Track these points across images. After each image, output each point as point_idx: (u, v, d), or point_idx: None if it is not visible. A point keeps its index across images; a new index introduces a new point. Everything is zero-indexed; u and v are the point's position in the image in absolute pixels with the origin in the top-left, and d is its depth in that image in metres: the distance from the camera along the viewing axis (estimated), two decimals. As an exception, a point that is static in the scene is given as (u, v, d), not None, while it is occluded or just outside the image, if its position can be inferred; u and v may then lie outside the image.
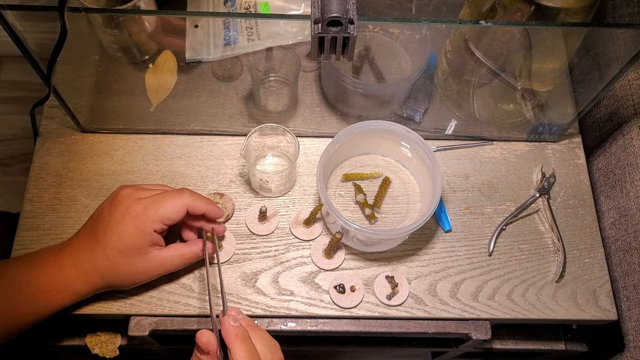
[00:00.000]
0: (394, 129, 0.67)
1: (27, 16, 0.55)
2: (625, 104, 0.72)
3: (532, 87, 0.73)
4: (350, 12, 0.50)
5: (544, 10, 0.60)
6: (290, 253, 0.68)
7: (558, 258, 0.69)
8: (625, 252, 0.69)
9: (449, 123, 0.77)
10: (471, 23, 0.65)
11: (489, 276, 0.68)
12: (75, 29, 0.56)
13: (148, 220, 0.58)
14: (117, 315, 0.65)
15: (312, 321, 0.66)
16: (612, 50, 0.68)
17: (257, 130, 0.66)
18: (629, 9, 0.72)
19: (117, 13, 0.65)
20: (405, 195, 0.72)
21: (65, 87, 0.66)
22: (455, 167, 0.75)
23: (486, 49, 0.66)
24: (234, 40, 0.74)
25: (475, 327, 0.66)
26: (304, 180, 0.73)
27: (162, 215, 0.59)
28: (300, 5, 0.76)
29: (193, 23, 0.73)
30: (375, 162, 0.74)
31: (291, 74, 0.73)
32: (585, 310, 0.67)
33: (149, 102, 0.72)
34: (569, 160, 0.76)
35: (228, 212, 0.69)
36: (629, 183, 0.70)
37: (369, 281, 0.67)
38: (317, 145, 0.75)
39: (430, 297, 0.66)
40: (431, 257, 0.69)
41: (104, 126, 0.74)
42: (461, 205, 0.72)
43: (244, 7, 0.75)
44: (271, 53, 0.72)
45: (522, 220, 0.72)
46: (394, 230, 0.63)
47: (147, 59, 0.74)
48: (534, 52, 0.66)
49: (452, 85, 0.75)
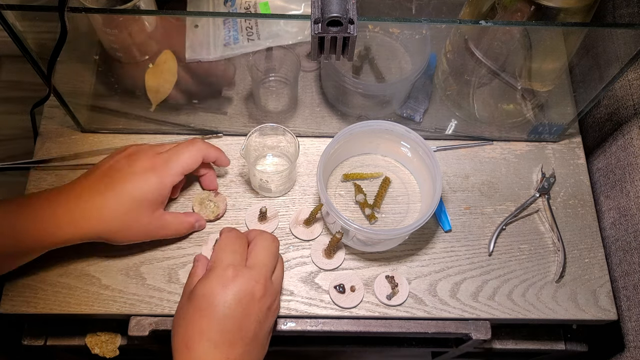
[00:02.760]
0: (393, 129, 0.67)
1: (27, 16, 0.55)
2: (625, 104, 0.72)
3: (532, 87, 0.73)
4: (350, 12, 0.50)
5: (544, 10, 0.60)
6: (290, 253, 0.68)
7: (558, 258, 0.69)
8: (625, 252, 0.69)
9: (449, 123, 0.77)
10: (471, 23, 0.65)
11: (489, 276, 0.68)
12: (75, 29, 0.56)
13: (171, 173, 0.62)
14: (117, 315, 0.65)
15: (312, 321, 0.66)
16: (612, 50, 0.68)
17: (257, 130, 0.66)
18: (629, 9, 0.72)
19: (117, 13, 0.65)
20: (405, 195, 0.72)
21: (65, 87, 0.66)
22: (455, 167, 0.75)
23: (486, 49, 0.66)
24: (234, 40, 0.74)
25: (475, 327, 0.66)
26: (304, 180, 0.73)
27: (184, 165, 0.63)
28: (300, 5, 0.76)
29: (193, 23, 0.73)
30: (375, 162, 0.74)
31: (291, 74, 0.73)
32: (585, 310, 0.67)
33: (149, 102, 0.72)
34: (569, 160, 0.76)
35: (219, 212, 0.69)
36: (629, 183, 0.70)
37: (369, 281, 0.67)
38: (317, 145, 0.75)
39: (430, 297, 0.66)
40: (431, 257, 0.69)
41: (104, 126, 0.74)
42: (461, 205, 0.72)
43: (244, 7, 0.75)
44: (271, 53, 0.72)
45: (522, 220, 0.72)
46: (394, 230, 0.63)
47: (147, 59, 0.74)
48: (534, 52, 0.66)
49: (452, 85, 0.75)
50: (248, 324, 0.53)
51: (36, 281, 0.65)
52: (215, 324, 0.52)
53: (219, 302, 0.53)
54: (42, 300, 0.64)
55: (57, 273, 0.65)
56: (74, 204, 0.59)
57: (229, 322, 0.52)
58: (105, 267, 0.66)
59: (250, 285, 0.54)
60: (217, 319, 0.52)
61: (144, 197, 0.60)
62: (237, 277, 0.54)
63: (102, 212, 0.59)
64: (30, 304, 0.64)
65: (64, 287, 0.64)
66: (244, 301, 0.53)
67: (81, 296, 0.64)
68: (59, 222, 0.58)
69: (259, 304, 0.54)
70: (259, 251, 0.57)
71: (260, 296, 0.54)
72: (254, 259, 0.56)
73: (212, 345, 0.52)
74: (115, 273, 0.65)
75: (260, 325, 0.55)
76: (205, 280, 0.54)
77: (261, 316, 0.55)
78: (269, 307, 0.56)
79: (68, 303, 0.64)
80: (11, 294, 0.64)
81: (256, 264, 0.56)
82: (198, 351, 0.52)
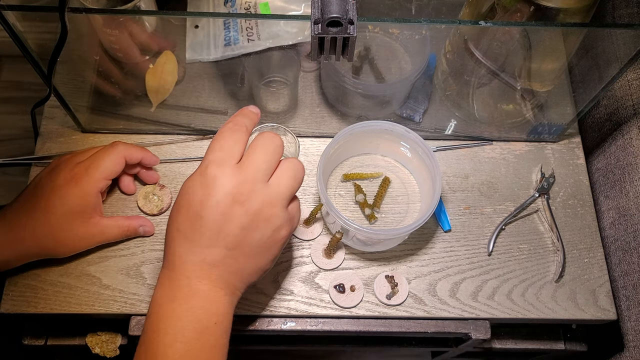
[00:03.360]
0: (393, 129, 0.67)
1: (27, 16, 0.55)
2: (625, 104, 0.72)
3: (531, 87, 0.73)
4: (350, 12, 0.50)
5: (543, 10, 0.61)
6: (290, 253, 0.68)
7: (557, 258, 0.69)
8: (624, 252, 0.69)
9: (448, 123, 0.77)
10: (471, 23, 0.66)
11: (489, 276, 0.68)
12: (75, 29, 0.56)
13: (92, 181, 0.60)
14: (117, 314, 0.65)
15: (312, 321, 0.66)
16: (611, 51, 0.68)
17: (257, 130, 0.66)
18: (629, 9, 0.72)
19: (118, 13, 0.65)
20: (405, 195, 0.72)
21: (65, 87, 0.66)
22: (455, 167, 0.75)
23: (486, 49, 0.66)
24: (234, 41, 0.74)
25: (474, 327, 0.66)
26: (304, 180, 0.73)
27: (105, 171, 0.61)
28: (300, 6, 0.76)
29: (193, 23, 0.73)
30: (375, 162, 0.74)
31: (291, 74, 0.73)
32: (584, 310, 0.67)
33: (149, 102, 0.72)
34: (569, 160, 0.76)
35: (163, 206, 0.69)
36: (628, 183, 0.70)
37: (368, 281, 0.67)
38: (317, 145, 0.75)
39: (430, 296, 0.66)
40: (431, 257, 0.69)
41: (105, 126, 0.74)
42: (461, 205, 0.72)
43: (244, 7, 0.75)
44: (271, 54, 0.72)
45: (521, 220, 0.72)
46: (394, 230, 0.63)
47: (147, 59, 0.74)
48: (534, 52, 0.66)
49: (451, 86, 0.76)
50: (228, 229, 0.49)
51: (37, 281, 0.65)
52: (189, 223, 0.49)
53: (195, 202, 0.49)
54: (42, 300, 0.64)
55: (58, 273, 0.65)
56: (8, 229, 0.59)
57: (205, 224, 0.49)
58: (105, 267, 0.66)
59: (229, 186, 0.49)
60: (192, 219, 0.49)
61: (71, 209, 0.59)
62: (217, 177, 0.49)
63: (34, 233, 0.59)
64: (30, 304, 0.64)
65: (65, 287, 0.65)
66: (222, 204, 0.48)
67: (82, 296, 0.64)
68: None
69: (242, 208, 0.49)
70: (254, 151, 0.51)
71: (244, 200, 0.49)
72: (246, 158, 0.50)
73: (187, 243, 0.50)
74: (116, 273, 0.66)
75: (244, 232, 0.50)
76: (191, 175, 0.51)
77: (245, 222, 0.49)
78: (257, 214, 0.50)
79: (68, 303, 0.64)
80: (12, 294, 0.64)
81: (247, 164, 0.50)
82: (176, 248, 0.50)
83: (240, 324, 0.65)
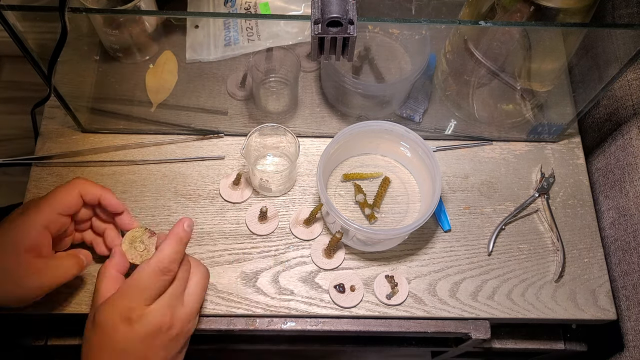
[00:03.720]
0: (393, 129, 0.67)
1: (27, 16, 0.55)
2: (625, 104, 0.72)
3: (531, 87, 0.73)
4: (350, 12, 0.50)
5: (543, 10, 0.61)
6: (290, 253, 0.68)
7: (557, 258, 0.69)
8: (624, 252, 0.69)
9: (448, 123, 0.77)
10: (471, 23, 0.66)
11: (489, 276, 0.68)
12: (75, 29, 0.56)
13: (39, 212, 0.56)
14: (117, 314, 0.65)
15: (312, 320, 0.66)
16: (611, 51, 0.69)
17: (257, 130, 0.66)
18: (629, 9, 0.72)
19: (118, 13, 0.65)
20: (405, 195, 0.72)
21: (65, 87, 0.66)
22: (455, 167, 0.75)
23: (485, 50, 0.66)
24: (234, 41, 0.74)
25: (474, 327, 0.66)
26: (304, 180, 0.73)
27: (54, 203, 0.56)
28: (300, 6, 0.76)
29: (193, 23, 0.74)
30: (375, 162, 0.74)
31: (291, 74, 0.73)
32: (584, 309, 0.67)
33: (149, 102, 0.73)
34: (569, 160, 0.76)
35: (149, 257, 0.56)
36: (628, 183, 0.70)
37: (368, 281, 0.67)
38: (317, 145, 0.75)
39: (430, 296, 0.66)
40: (431, 257, 0.69)
41: (105, 126, 0.74)
42: (461, 205, 0.72)
43: (244, 7, 0.75)
44: (271, 54, 0.72)
45: (521, 220, 0.72)
46: (394, 230, 0.63)
47: (147, 59, 0.74)
48: (533, 52, 0.66)
49: (451, 86, 0.76)
50: (154, 355, 0.52)
51: (37, 281, 0.65)
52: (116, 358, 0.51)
53: (120, 339, 0.50)
54: (42, 300, 0.64)
55: (58, 273, 0.65)
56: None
57: (131, 357, 0.51)
58: (105, 267, 0.66)
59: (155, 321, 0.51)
60: (118, 354, 0.50)
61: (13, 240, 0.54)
62: (142, 316, 0.51)
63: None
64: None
65: (65, 287, 0.64)
66: (149, 337, 0.51)
67: (82, 296, 0.64)
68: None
69: (166, 335, 0.52)
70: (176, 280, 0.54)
71: (167, 328, 0.52)
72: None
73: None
74: (116, 273, 0.65)
75: (167, 352, 0.53)
76: (110, 307, 0.51)
77: (167, 343, 0.52)
78: (178, 334, 0.53)
79: (69, 303, 0.64)
80: (12, 294, 0.64)
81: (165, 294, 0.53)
82: None
83: (240, 324, 0.65)
